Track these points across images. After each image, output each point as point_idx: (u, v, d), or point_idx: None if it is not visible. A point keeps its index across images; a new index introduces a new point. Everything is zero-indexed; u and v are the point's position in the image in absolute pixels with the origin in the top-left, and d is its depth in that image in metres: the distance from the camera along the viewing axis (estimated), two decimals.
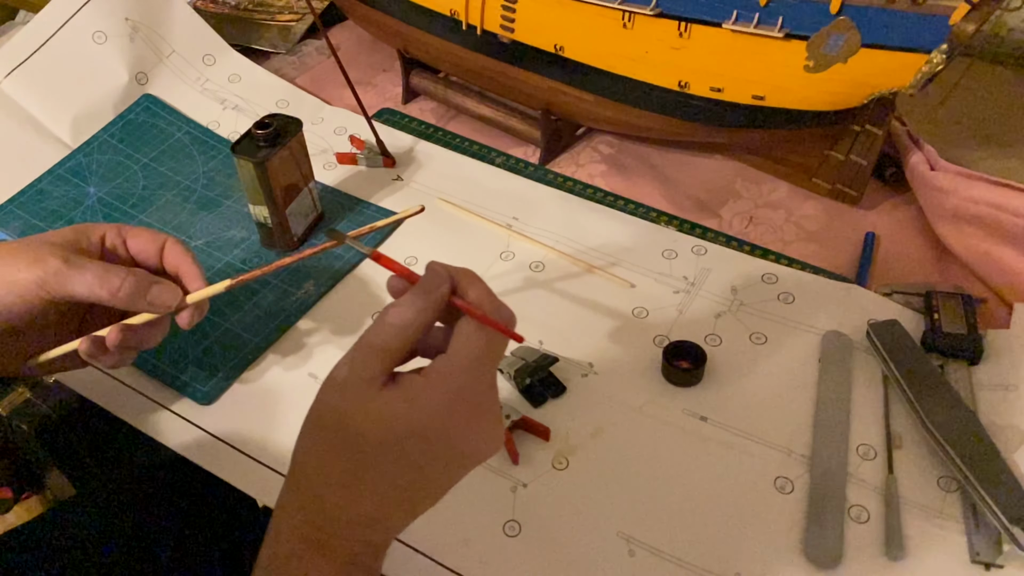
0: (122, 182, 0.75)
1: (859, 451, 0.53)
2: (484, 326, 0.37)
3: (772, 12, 0.58)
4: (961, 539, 0.48)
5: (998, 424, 0.52)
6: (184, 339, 0.61)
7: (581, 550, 0.49)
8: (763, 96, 0.62)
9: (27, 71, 0.78)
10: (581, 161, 0.78)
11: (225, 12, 0.97)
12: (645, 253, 0.67)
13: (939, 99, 0.78)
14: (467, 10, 0.70)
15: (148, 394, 0.59)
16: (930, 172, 0.65)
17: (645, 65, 0.65)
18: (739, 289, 0.63)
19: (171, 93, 0.83)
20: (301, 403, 0.57)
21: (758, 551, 0.48)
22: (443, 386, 0.36)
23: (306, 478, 0.38)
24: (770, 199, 0.73)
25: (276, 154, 0.62)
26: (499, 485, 0.52)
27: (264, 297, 0.65)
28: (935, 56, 0.54)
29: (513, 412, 0.54)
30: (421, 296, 0.37)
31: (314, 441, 0.38)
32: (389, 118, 0.84)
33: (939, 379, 0.53)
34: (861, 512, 0.50)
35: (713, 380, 0.57)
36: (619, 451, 0.54)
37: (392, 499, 0.37)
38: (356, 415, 0.36)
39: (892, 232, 0.68)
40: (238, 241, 0.70)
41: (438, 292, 0.37)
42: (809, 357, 0.58)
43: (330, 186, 0.75)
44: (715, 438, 0.54)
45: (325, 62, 0.92)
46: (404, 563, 0.49)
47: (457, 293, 0.38)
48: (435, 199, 0.73)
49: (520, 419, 0.54)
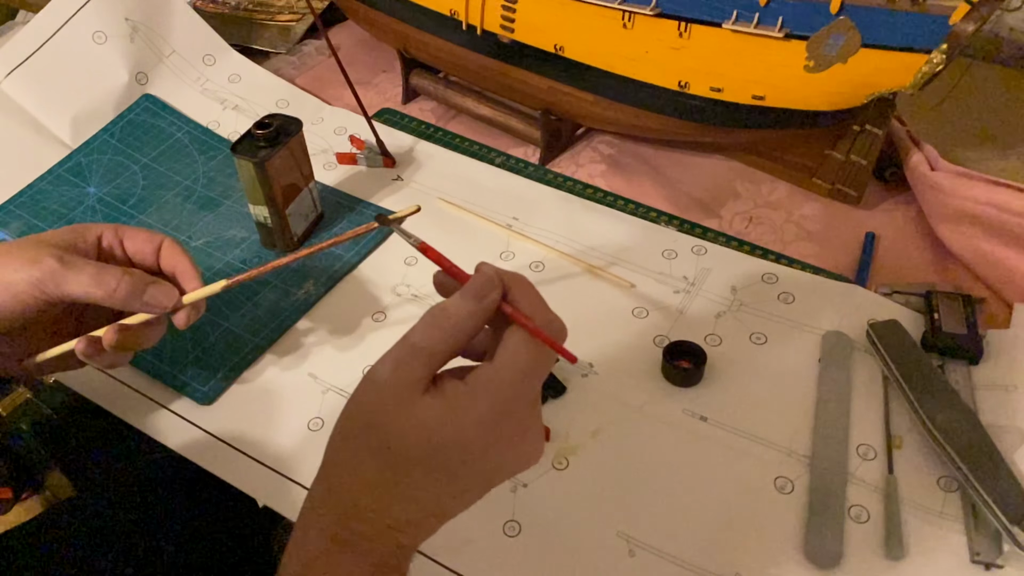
0: (122, 182, 0.75)
1: (859, 451, 0.53)
2: (533, 339, 0.36)
3: (772, 12, 0.58)
4: (961, 539, 0.48)
5: (998, 424, 0.52)
6: (184, 339, 0.61)
7: (581, 550, 0.49)
8: (763, 96, 0.62)
9: (27, 71, 0.78)
10: (581, 161, 0.78)
11: (225, 12, 0.97)
12: (645, 253, 0.67)
13: (939, 99, 0.78)
14: (467, 10, 0.70)
15: (148, 394, 0.59)
16: (930, 172, 0.65)
17: (645, 65, 0.65)
18: (739, 289, 0.63)
19: (171, 93, 0.83)
20: (301, 403, 0.58)
21: (758, 551, 0.48)
22: (487, 398, 0.35)
23: (339, 478, 0.37)
24: (770, 199, 0.73)
25: (276, 154, 0.62)
26: (499, 485, 0.52)
27: (264, 297, 0.65)
28: (935, 56, 0.54)
29: None
30: (472, 300, 0.36)
31: (350, 441, 0.37)
32: (389, 118, 0.84)
33: (939, 379, 0.53)
34: (861, 512, 0.50)
35: (713, 380, 0.57)
36: (619, 451, 0.54)
37: (426, 505, 0.36)
38: (396, 419, 0.35)
39: (892, 232, 0.68)
40: (238, 241, 0.70)
41: (488, 298, 0.36)
42: (809, 357, 0.58)
43: (330, 186, 0.75)
44: (715, 438, 0.54)
45: (325, 62, 0.92)
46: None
47: (508, 299, 0.37)
48: (435, 199, 0.73)
49: None
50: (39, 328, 0.50)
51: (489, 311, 0.36)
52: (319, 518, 0.37)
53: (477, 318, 0.36)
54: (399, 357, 0.36)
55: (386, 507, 0.36)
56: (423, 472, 0.35)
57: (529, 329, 0.36)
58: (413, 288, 0.65)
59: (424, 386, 0.35)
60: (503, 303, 0.37)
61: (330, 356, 0.61)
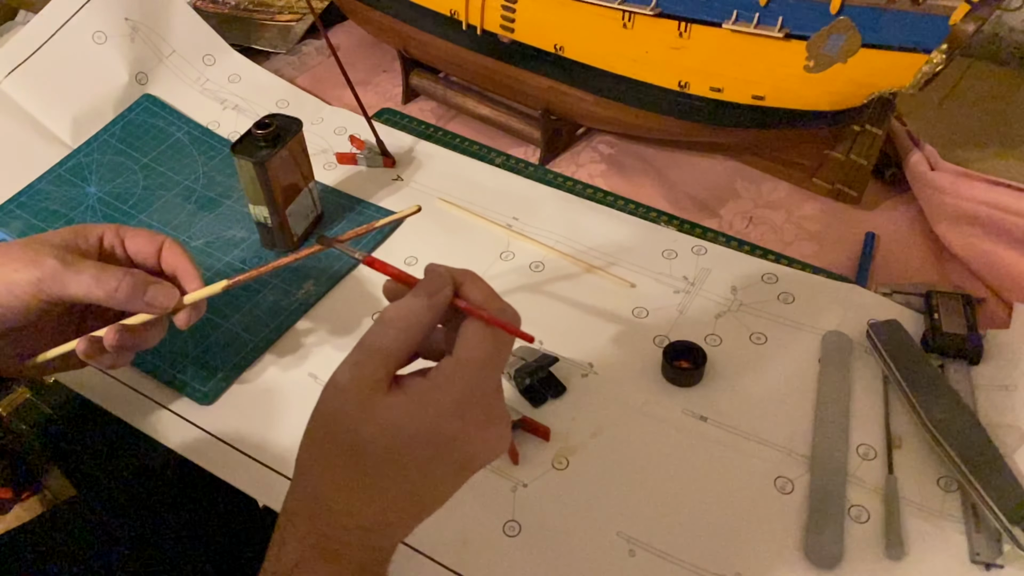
0: (122, 182, 0.75)
1: (859, 451, 0.53)
2: (490, 327, 0.37)
3: (772, 12, 0.58)
4: (961, 539, 0.48)
5: (998, 424, 0.52)
6: (184, 339, 0.61)
7: (581, 550, 0.49)
8: (763, 96, 0.62)
9: (27, 71, 0.78)
10: (581, 161, 0.78)
11: (225, 12, 0.97)
12: (645, 253, 0.67)
13: (939, 99, 0.78)
14: (467, 10, 0.70)
15: (148, 394, 0.59)
16: (930, 172, 0.65)
17: (645, 65, 0.65)
18: (739, 289, 0.63)
19: (171, 93, 0.83)
20: (301, 403, 0.58)
21: (758, 551, 0.48)
22: (450, 389, 0.36)
23: (311, 485, 0.37)
24: (770, 199, 0.73)
25: (276, 154, 0.62)
26: (499, 485, 0.52)
27: (264, 297, 0.65)
28: (935, 56, 0.54)
29: (514, 412, 0.54)
30: (423, 297, 0.37)
31: (319, 447, 0.37)
32: (389, 118, 0.84)
33: (939, 379, 0.53)
34: (861, 512, 0.50)
35: (713, 380, 0.57)
36: (619, 451, 0.54)
37: (400, 504, 0.37)
38: (361, 421, 0.35)
39: (892, 232, 0.68)
40: (238, 241, 0.70)
41: (441, 293, 0.37)
42: (809, 357, 0.58)
43: (330, 186, 0.75)
44: (715, 438, 0.54)
45: (325, 62, 0.92)
46: (404, 563, 0.49)
47: (460, 295, 0.38)
48: (435, 199, 0.73)
49: (521, 419, 0.54)
50: (40, 328, 0.50)
51: (442, 306, 0.37)
52: (295, 528, 0.37)
53: (430, 314, 0.36)
54: (356, 360, 0.36)
55: (360, 510, 0.36)
56: (394, 470, 0.35)
57: (484, 318, 0.37)
58: None
59: (385, 386, 0.36)
60: (456, 299, 0.37)
61: (330, 356, 0.61)
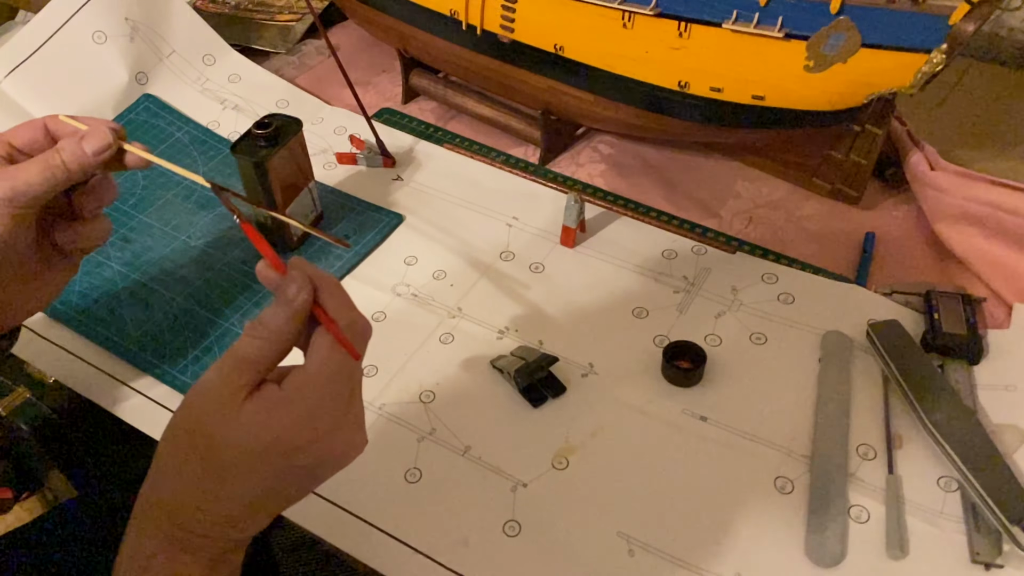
0: (122, 181, 0.75)
1: (859, 451, 0.53)
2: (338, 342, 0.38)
3: (772, 12, 0.58)
4: (961, 539, 0.48)
5: (998, 424, 0.52)
6: (184, 339, 0.62)
7: (581, 550, 0.49)
8: (763, 96, 0.62)
9: (27, 71, 0.78)
10: (581, 161, 0.78)
11: (225, 12, 0.97)
12: (645, 253, 0.67)
13: (939, 99, 0.78)
14: (467, 10, 0.70)
15: (148, 394, 0.59)
16: (930, 172, 0.65)
17: (645, 65, 0.65)
18: (739, 289, 0.63)
19: (171, 93, 0.83)
20: None
21: (758, 551, 0.48)
22: (300, 401, 0.37)
23: (167, 480, 0.39)
24: (770, 199, 0.73)
25: (276, 154, 0.62)
26: (499, 485, 0.52)
27: (265, 297, 0.65)
28: (935, 56, 0.54)
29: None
30: (284, 307, 0.38)
31: (176, 445, 0.39)
32: (389, 118, 0.84)
33: (939, 379, 0.53)
34: (861, 512, 0.50)
35: (713, 380, 0.57)
36: (619, 451, 0.54)
37: (254, 502, 0.38)
38: (218, 425, 0.37)
39: (892, 232, 0.68)
40: (238, 241, 0.70)
41: (299, 301, 0.38)
42: (809, 357, 0.58)
43: (330, 186, 0.75)
44: (715, 438, 0.54)
45: (325, 62, 0.92)
46: (404, 563, 0.49)
47: (317, 301, 0.39)
48: (435, 199, 0.73)
49: None
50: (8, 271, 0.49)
51: (302, 314, 0.38)
52: (152, 520, 0.39)
53: (292, 324, 0.38)
54: (224, 367, 0.38)
55: (214, 506, 0.38)
56: (246, 475, 0.37)
57: (332, 332, 0.38)
58: (413, 288, 0.65)
59: (245, 393, 0.37)
60: (314, 306, 0.39)
61: None
